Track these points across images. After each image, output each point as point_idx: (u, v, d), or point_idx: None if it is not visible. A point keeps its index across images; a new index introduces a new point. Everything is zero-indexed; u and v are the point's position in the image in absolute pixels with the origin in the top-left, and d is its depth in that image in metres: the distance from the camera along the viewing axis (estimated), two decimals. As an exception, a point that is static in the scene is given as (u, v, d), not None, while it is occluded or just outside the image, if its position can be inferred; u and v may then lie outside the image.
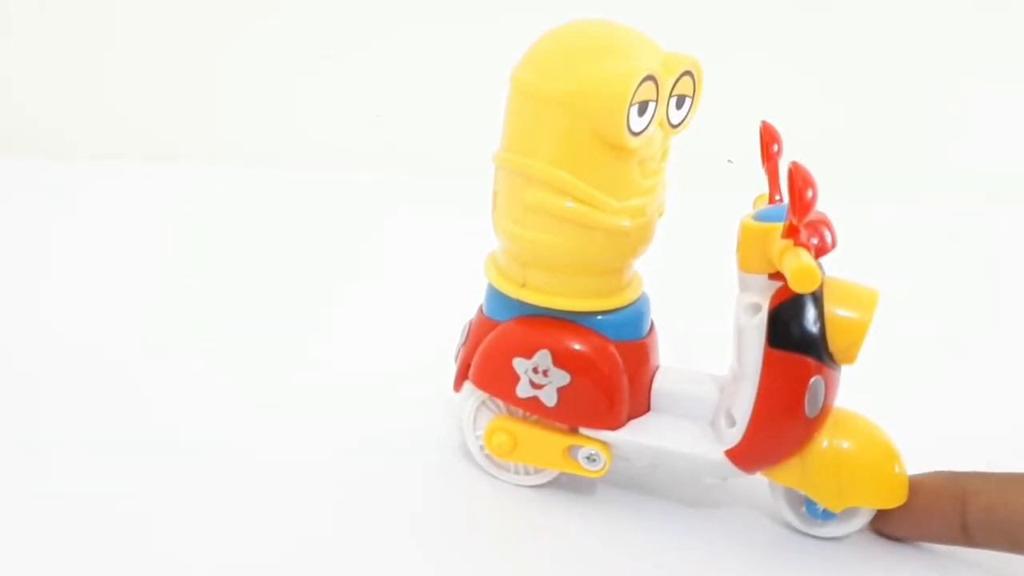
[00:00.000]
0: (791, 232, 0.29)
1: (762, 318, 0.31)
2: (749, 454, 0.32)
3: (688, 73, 0.31)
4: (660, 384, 0.35)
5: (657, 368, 0.36)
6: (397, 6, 0.77)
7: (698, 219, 0.53)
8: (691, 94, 0.32)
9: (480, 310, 0.37)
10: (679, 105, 0.32)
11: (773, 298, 0.31)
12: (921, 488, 0.32)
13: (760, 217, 0.32)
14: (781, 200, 0.34)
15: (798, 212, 0.29)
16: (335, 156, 0.79)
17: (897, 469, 0.32)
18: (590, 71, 0.30)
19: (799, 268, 0.28)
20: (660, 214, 0.34)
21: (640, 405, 0.35)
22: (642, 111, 0.30)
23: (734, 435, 0.32)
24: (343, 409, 0.42)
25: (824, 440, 0.32)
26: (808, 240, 0.29)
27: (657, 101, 0.30)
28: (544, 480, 0.37)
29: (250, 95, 0.80)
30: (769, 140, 0.34)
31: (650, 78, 0.30)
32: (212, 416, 0.41)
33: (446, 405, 0.41)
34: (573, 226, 0.32)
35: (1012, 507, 0.29)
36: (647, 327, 0.36)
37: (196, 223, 0.66)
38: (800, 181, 0.28)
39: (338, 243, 0.63)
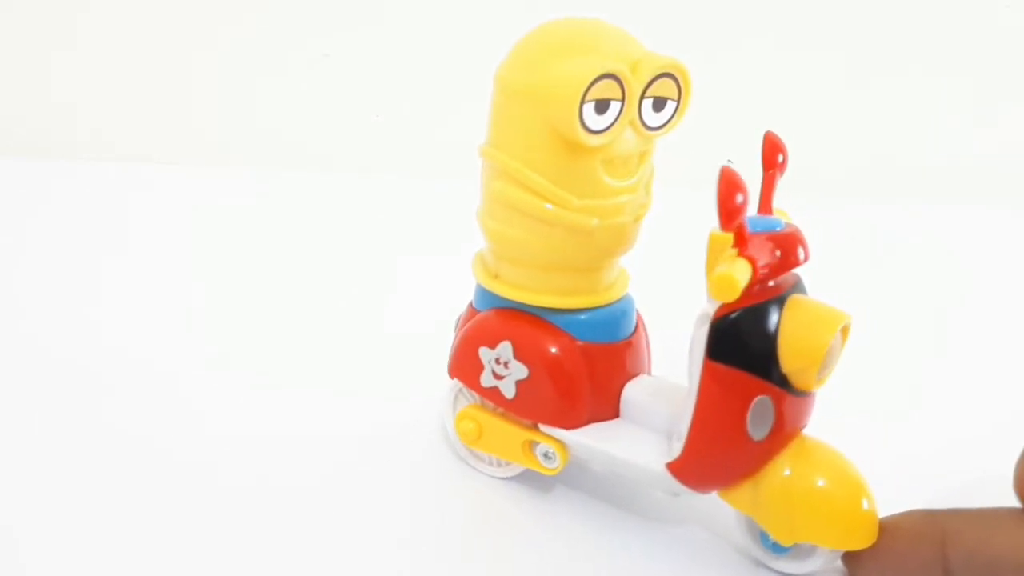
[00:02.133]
0: (739, 242, 0.28)
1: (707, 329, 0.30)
2: (690, 470, 0.31)
3: (668, 76, 0.31)
4: (629, 392, 0.35)
5: (637, 375, 0.35)
6: (397, 6, 0.77)
7: (698, 219, 0.53)
8: (675, 97, 0.31)
9: (470, 302, 0.37)
10: (658, 108, 0.31)
11: (720, 309, 0.29)
12: (896, 530, 0.29)
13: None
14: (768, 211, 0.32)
15: (723, 217, 0.27)
16: (335, 156, 0.79)
17: (865, 506, 0.30)
18: (549, 67, 0.30)
19: (718, 275, 0.27)
20: (637, 218, 0.33)
21: (606, 410, 0.34)
22: (601, 109, 0.30)
23: (677, 448, 0.31)
24: (341, 403, 0.42)
25: (782, 468, 0.30)
26: (752, 253, 0.28)
27: (623, 101, 0.30)
28: (511, 473, 0.37)
29: (250, 95, 0.80)
30: (773, 151, 0.32)
31: (610, 77, 0.29)
32: (212, 412, 0.41)
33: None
34: (534, 221, 0.32)
35: (998, 549, 0.26)
36: (625, 331, 0.35)
37: (195, 223, 0.66)
38: (725, 185, 0.27)
39: (338, 243, 0.63)
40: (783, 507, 0.30)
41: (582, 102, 0.29)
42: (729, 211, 0.27)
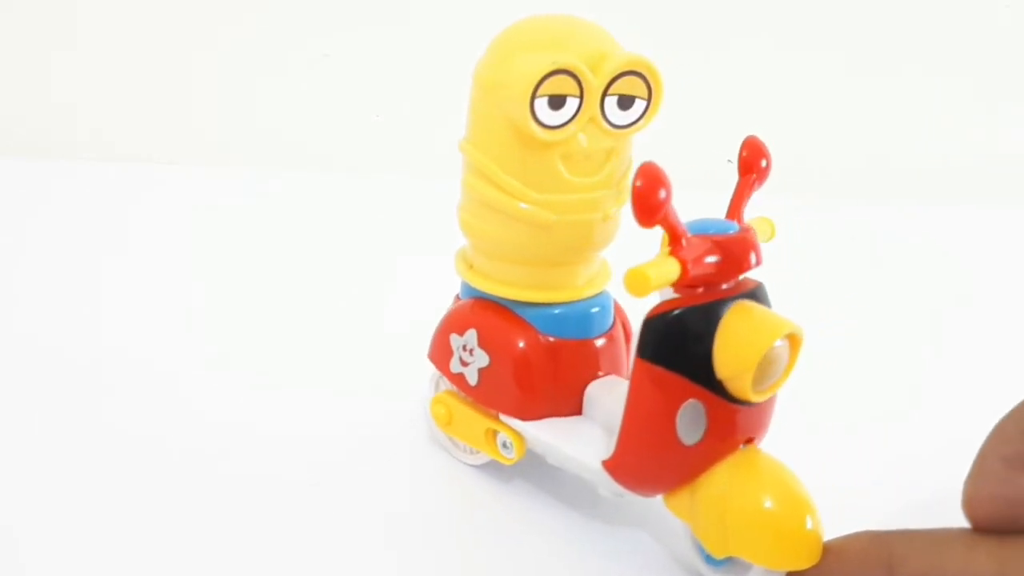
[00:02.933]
0: (672, 240, 0.28)
1: None
2: (623, 469, 0.31)
3: (635, 74, 0.30)
4: (592, 390, 0.34)
5: (609, 374, 0.35)
6: (397, 6, 0.77)
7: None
8: (644, 96, 0.31)
9: (457, 292, 0.38)
10: (624, 106, 0.31)
11: (655, 307, 0.29)
12: (842, 552, 0.28)
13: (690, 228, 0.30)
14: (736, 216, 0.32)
15: (642, 213, 0.26)
16: (335, 156, 0.79)
17: (808, 526, 0.28)
18: (507, 61, 0.31)
19: (630, 271, 0.26)
20: (606, 216, 0.33)
21: (568, 405, 0.34)
22: (556, 105, 0.30)
23: (611, 446, 0.31)
24: (341, 402, 0.42)
25: (719, 478, 0.29)
26: (686, 254, 0.27)
27: (581, 98, 0.30)
28: (480, 462, 0.37)
29: (250, 95, 0.80)
30: (756, 156, 0.31)
31: (564, 72, 0.29)
32: (211, 411, 0.42)
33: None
34: (498, 214, 0.33)
35: (948, 571, 0.25)
36: (597, 329, 0.35)
37: (195, 223, 0.66)
38: (645, 180, 0.26)
39: (338, 243, 0.64)
40: (716, 519, 0.29)
41: (533, 96, 0.29)
42: (651, 207, 0.26)
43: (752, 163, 0.30)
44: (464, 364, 0.35)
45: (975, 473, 0.24)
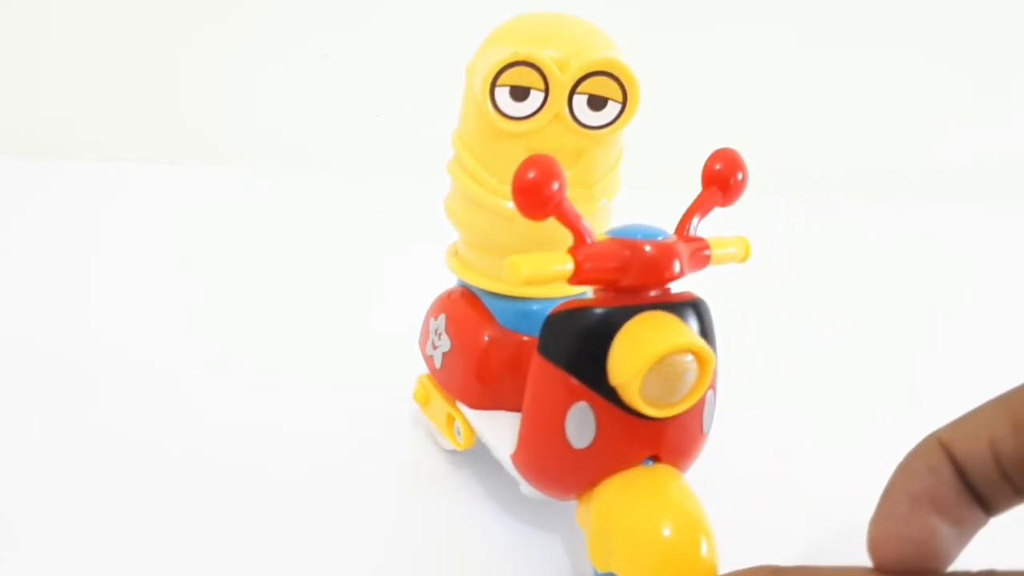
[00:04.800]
0: (576, 237, 0.27)
1: None
2: (524, 463, 0.30)
3: (607, 75, 0.30)
4: None
5: None
6: (397, 6, 0.77)
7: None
8: (618, 99, 0.31)
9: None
10: (596, 106, 0.31)
11: (561, 305, 0.28)
12: None
13: (612, 232, 0.29)
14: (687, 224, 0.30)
15: (527, 205, 0.26)
16: (335, 156, 0.79)
17: (703, 553, 0.26)
18: (483, 52, 0.32)
19: (509, 259, 0.26)
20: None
21: (517, 401, 0.34)
22: (520, 96, 0.30)
23: (517, 440, 0.31)
24: (341, 402, 0.42)
25: (611, 490, 0.28)
26: (585, 253, 0.27)
27: (547, 93, 0.30)
28: (449, 447, 0.38)
29: (250, 95, 0.80)
30: (732, 169, 0.29)
31: (526, 64, 0.29)
32: (211, 409, 0.42)
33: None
34: (466, 199, 0.33)
35: None
36: None
37: (195, 223, 0.67)
38: (533, 170, 0.26)
39: (338, 243, 0.64)
40: (602, 531, 0.28)
41: (493, 85, 0.29)
42: (542, 199, 0.26)
43: (717, 176, 0.29)
44: (434, 347, 0.36)
45: (880, 513, 0.21)
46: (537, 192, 0.26)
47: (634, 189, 0.36)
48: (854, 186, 0.79)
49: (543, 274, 0.26)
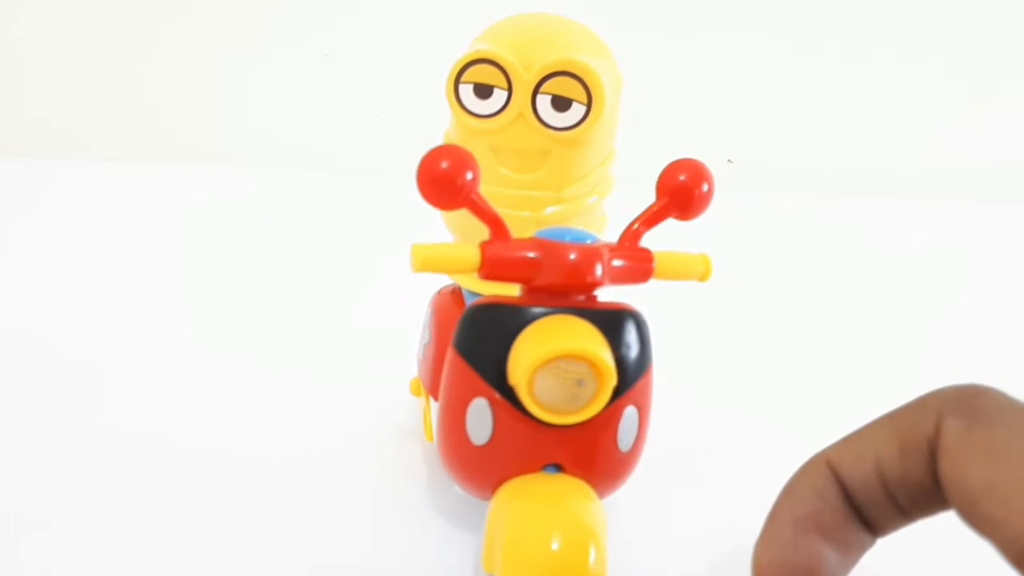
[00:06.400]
0: (495, 230, 0.28)
1: None
2: (441, 456, 0.30)
3: (570, 76, 0.30)
4: None
5: None
6: (397, 6, 0.77)
7: (697, 219, 0.52)
8: (583, 100, 0.30)
9: None
10: (560, 107, 0.30)
11: (478, 300, 0.28)
12: None
13: (541, 233, 0.29)
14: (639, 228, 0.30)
15: (437, 195, 0.26)
16: (335, 156, 0.79)
17: (592, 563, 0.25)
18: (468, 48, 0.32)
19: (413, 245, 0.26)
20: (537, 219, 0.32)
21: None
22: (483, 94, 0.30)
23: None
24: (341, 400, 0.43)
25: (508, 494, 0.28)
26: (489, 249, 0.27)
27: (510, 92, 0.30)
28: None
29: (250, 95, 0.81)
30: (697, 180, 0.29)
31: (488, 62, 0.29)
32: (209, 404, 0.42)
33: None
34: None
35: None
36: None
37: (195, 223, 0.67)
38: (447, 159, 0.26)
39: (338, 242, 0.64)
40: (492, 531, 0.28)
41: (457, 82, 0.30)
42: (453, 188, 0.26)
43: (679, 187, 0.28)
44: (422, 341, 0.37)
45: (765, 537, 0.20)
46: (449, 182, 0.25)
47: (634, 189, 0.36)
48: (853, 185, 0.78)
49: (441, 262, 0.26)
